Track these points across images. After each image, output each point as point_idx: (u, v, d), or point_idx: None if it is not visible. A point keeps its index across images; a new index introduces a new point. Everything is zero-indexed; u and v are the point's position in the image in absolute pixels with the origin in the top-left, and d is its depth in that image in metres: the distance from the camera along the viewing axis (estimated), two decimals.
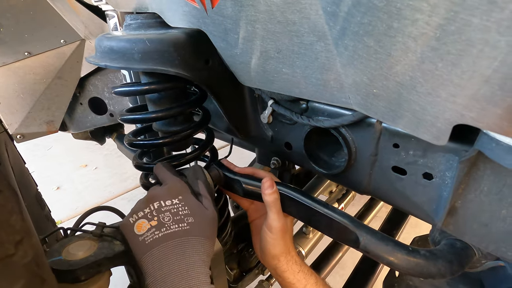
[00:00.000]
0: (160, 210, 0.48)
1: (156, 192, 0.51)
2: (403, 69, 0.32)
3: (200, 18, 0.54)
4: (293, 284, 0.60)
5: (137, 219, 0.47)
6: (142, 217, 0.47)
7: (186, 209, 0.49)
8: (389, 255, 0.51)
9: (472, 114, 0.29)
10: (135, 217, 0.48)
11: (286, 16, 0.41)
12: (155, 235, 0.45)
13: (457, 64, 0.27)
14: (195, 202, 0.50)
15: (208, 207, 0.51)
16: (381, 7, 0.29)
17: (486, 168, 0.40)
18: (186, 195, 0.50)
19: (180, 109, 0.63)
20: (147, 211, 0.48)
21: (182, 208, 0.48)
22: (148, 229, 0.46)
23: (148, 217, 0.47)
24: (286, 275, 0.60)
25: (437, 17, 0.25)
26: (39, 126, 1.22)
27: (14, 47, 1.04)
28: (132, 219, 0.48)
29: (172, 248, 0.44)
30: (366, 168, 0.57)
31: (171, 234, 0.45)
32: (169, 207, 0.48)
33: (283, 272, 0.60)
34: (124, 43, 0.54)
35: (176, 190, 0.51)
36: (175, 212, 0.48)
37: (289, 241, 0.62)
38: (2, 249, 0.25)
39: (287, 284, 0.60)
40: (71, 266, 0.46)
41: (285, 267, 0.60)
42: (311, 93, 0.51)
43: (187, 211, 0.48)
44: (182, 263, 0.43)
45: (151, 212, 0.47)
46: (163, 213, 0.47)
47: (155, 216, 0.47)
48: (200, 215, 0.49)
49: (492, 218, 0.43)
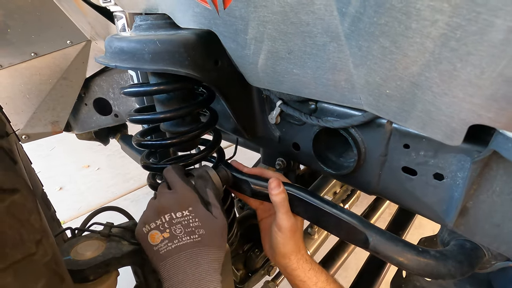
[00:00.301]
0: (171, 223, 0.50)
1: (166, 202, 0.52)
2: (419, 70, 0.32)
3: (211, 19, 0.54)
4: (304, 282, 0.60)
5: (150, 230, 0.49)
6: (155, 228, 0.49)
7: (197, 220, 0.51)
8: (399, 255, 0.51)
9: (489, 114, 0.29)
10: (148, 228, 0.50)
11: (299, 17, 0.41)
12: (168, 246, 0.48)
13: (477, 64, 0.27)
14: (205, 213, 0.52)
15: (218, 216, 0.53)
16: (399, 8, 0.29)
17: (499, 168, 0.40)
18: (196, 206, 0.52)
19: (189, 110, 0.63)
20: (159, 222, 0.50)
21: (193, 220, 0.50)
22: (161, 240, 0.48)
23: (160, 228, 0.49)
24: (296, 273, 0.60)
25: (458, 18, 0.25)
26: (44, 126, 1.23)
27: (21, 48, 1.04)
28: (145, 229, 0.50)
29: (185, 259, 0.47)
30: (376, 168, 0.57)
31: (183, 246, 0.48)
32: (180, 219, 0.50)
33: (294, 270, 0.61)
34: (135, 44, 0.54)
35: (186, 201, 0.52)
36: (186, 224, 0.50)
37: (300, 239, 0.62)
38: (24, 247, 0.26)
39: (298, 282, 0.61)
40: (80, 266, 0.46)
41: (296, 265, 0.61)
42: (321, 93, 0.51)
43: (197, 223, 0.50)
44: (195, 272, 0.46)
45: (162, 224, 0.50)
46: (174, 225, 0.49)
47: (167, 228, 0.49)
48: (210, 226, 0.51)
49: (504, 218, 0.43)
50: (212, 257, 0.49)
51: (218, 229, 0.52)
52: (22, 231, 0.26)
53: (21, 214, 0.27)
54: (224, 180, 0.66)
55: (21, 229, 0.26)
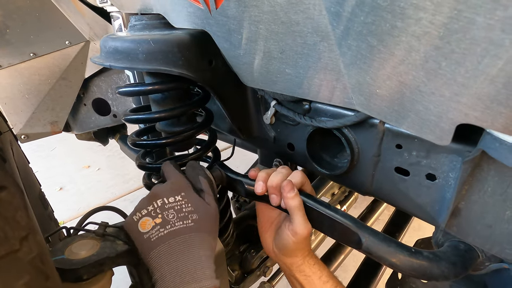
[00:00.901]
0: (163, 208, 0.48)
1: (158, 189, 0.51)
2: (406, 69, 0.32)
3: (204, 19, 0.54)
4: (308, 277, 0.60)
5: (141, 217, 0.48)
6: (146, 214, 0.48)
7: (190, 206, 0.49)
8: (391, 256, 0.50)
9: (476, 113, 0.29)
10: (139, 215, 0.48)
11: (289, 17, 0.41)
12: (160, 232, 0.46)
13: (461, 63, 0.27)
14: (198, 198, 0.51)
15: (210, 203, 0.52)
16: (384, 7, 0.29)
17: (490, 168, 0.40)
18: (188, 192, 0.51)
19: (184, 110, 0.64)
20: (150, 208, 0.48)
21: (186, 205, 0.49)
22: (153, 226, 0.46)
23: (152, 214, 0.48)
24: (302, 268, 0.60)
25: (441, 16, 0.25)
26: (43, 126, 1.23)
27: (20, 48, 1.05)
28: (135, 217, 0.48)
29: (178, 245, 0.45)
30: (369, 169, 0.57)
31: (176, 231, 0.46)
32: (172, 204, 0.49)
33: (299, 266, 0.60)
34: (129, 44, 0.54)
35: (179, 186, 0.51)
36: (179, 209, 0.48)
37: (309, 239, 0.61)
38: (8, 244, 0.26)
39: (301, 277, 0.60)
40: (73, 265, 0.46)
41: (302, 261, 0.60)
42: (314, 93, 0.51)
43: (190, 208, 0.49)
44: (188, 259, 0.44)
45: (154, 210, 0.48)
46: (167, 210, 0.48)
47: (159, 214, 0.47)
48: (203, 212, 0.49)
49: (496, 219, 0.43)
50: (205, 244, 0.47)
51: (211, 215, 0.50)
52: (6, 227, 0.26)
53: (6, 211, 0.28)
54: (218, 180, 0.66)
55: (5, 226, 0.26)
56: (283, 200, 0.58)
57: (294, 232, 0.57)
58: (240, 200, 1.11)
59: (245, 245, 0.90)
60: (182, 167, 0.65)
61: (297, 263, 0.61)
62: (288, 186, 0.56)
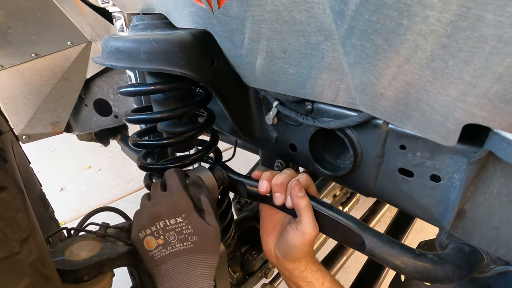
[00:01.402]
0: (165, 229, 0.50)
1: (160, 209, 0.52)
2: (412, 68, 0.32)
3: (206, 19, 0.54)
4: (310, 283, 0.59)
5: (145, 236, 0.50)
6: (150, 234, 0.50)
7: (190, 228, 0.51)
8: (395, 258, 0.50)
9: (483, 113, 0.29)
10: (144, 234, 0.50)
11: (293, 16, 0.41)
12: (162, 252, 0.49)
13: (469, 61, 0.26)
14: (198, 219, 0.52)
15: (211, 223, 0.53)
16: (390, 5, 0.28)
17: (496, 169, 0.39)
18: (189, 213, 0.52)
19: (185, 110, 0.63)
20: (154, 229, 0.50)
21: (186, 227, 0.51)
22: (156, 246, 0.49)
23: (155, 235, 0.50)
24: (304, 275, 0.60)
25: (448, 14, 0.25)
26: (44, 127, 1.23)
27: (21, 48, 1.05)
28: (141, 235, 0.50)
29: (178, 265, 0.48)
30: (372, 170, 0.56)
31: (177, 253, 0.49)
32: (173, 226, 0.51)
33: (302, 272, 0.60)
34: (131, 43, 0.54)
35: (180, 207, 0.53)
36: (179, 231, 0.51)
37: (313, 244, 0.61)
38: (8, 246, 0.25)
39: (303, 283, 0.60)
40: (74, 266, 0.46)
41: (304, 267, 0.60)
42: (317, 93, 0.51)
43: (190, 230, 0.51)
44: (187, 278, 0.47)
45: (157, 231, 0.50)
46: (168, 232, 0.50)
47: (161, 235, 0.50)
48: (203, 233, 0.51)
49: (502, 221, 0.43)
50: (204, 264, 0.50)
51: (211, 236, 0.52)
52: (6, 229, 0.26)
53: (7, 212, 0.27)
54: (220, 181, 0.65)
55: (5, 228, 0.26)
56: (291, 200, 0.58)
57: (302, 232, 0.57)
58: (242, 201, 1.10)
59: (246, 246, 0.89)
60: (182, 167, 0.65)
61: (299, 269, 0.60)
62: (297, 186, 0.57)
